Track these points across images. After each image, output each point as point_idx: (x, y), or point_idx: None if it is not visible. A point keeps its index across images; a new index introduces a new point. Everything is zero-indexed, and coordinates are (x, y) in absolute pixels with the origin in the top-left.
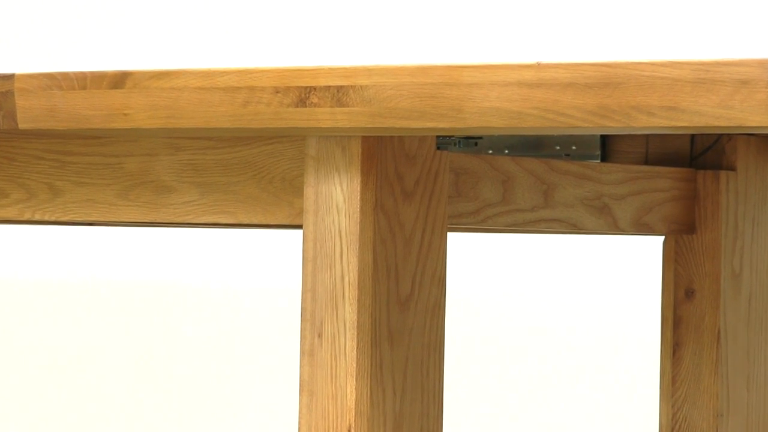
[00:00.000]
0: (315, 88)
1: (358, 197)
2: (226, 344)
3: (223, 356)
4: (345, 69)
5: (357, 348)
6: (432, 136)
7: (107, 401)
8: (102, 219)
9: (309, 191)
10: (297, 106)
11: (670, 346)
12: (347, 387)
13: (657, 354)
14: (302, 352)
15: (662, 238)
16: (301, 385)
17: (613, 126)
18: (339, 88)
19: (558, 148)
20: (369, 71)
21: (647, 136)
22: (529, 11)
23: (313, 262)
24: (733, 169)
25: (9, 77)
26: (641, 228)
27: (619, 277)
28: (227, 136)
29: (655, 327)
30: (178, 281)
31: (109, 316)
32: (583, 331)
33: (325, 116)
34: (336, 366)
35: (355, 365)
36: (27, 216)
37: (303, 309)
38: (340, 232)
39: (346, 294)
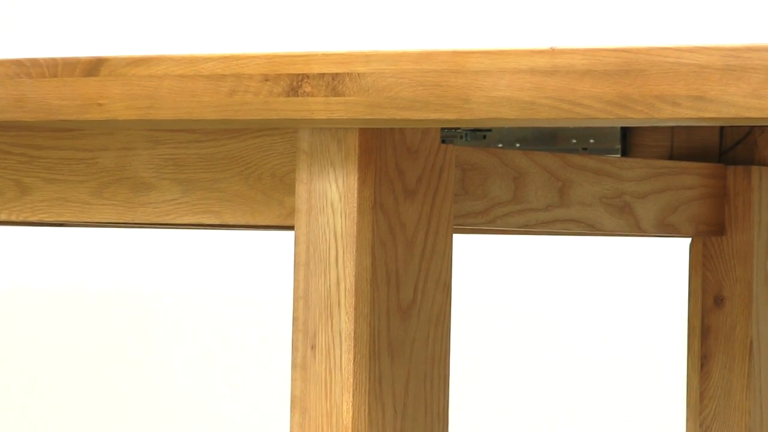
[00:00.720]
0: (308, 76)
1: (355, 195)
2: (210, 357)
3: (206, 370)
4: (341, 55)
5: (354, 361)
6: (436, 129)
7: (78, 417)
8: (74, 219)
9: (301, 189)
10: (288, 96)
11: (698, 358)
12: (343, 404)
13: (683, 367)
14: (294, 366)
15: (689, 240)
16: (292, 402)
17: (634, 117)
18: (334, 76)
19: (574, 141)
20: (367, 57)
21: (672, 128)
22: None
23: (305, 267)
24: (766, 164)
25: None
26: (666, 229)
27: (641, 283)
28: (212, 128)
29: (681, 338)
30: (157, 288)
31: (80, 325)
32: (602, 342)
33: (318, 107)
34: (331, 381)
35: (351, 380)
36: None
37: (294, 318)
38: (335, 233)
39: (342, 301)
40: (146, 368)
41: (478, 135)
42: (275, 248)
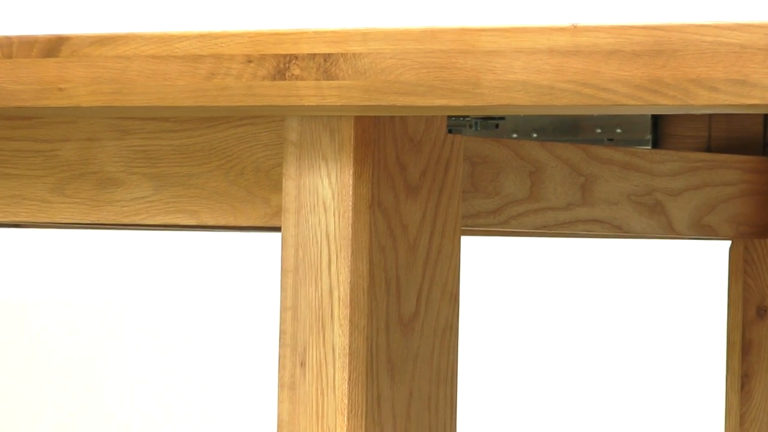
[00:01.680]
0: (296, 57)
1: (350, 192)
2: (186, 374)
3: (181, 390)
4: (334, 33)
5: (349, 380)
6: (442, 117)
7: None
8: (32, 219)
9: (289, 185)
10: (274, 79)
11: (738, 377)
12: (336, 429)
13: (721, 387)
14: (280, 386)
15: (728, 243)
16: (279, 427)
17: (667, 104)
18: (326, 57)
19: (599, 131)
20: (364, 36)
21: (710, 116)
22: None
23: (294, 274)
24: None
25: None
26: (702, 231)
27: (673, 292)
28: (187, 116)
29: (719, 354)
30: (125, 295)
31: (40, 337)
32: (630, 360)
33: (308, 92)
34: (323, 402)
35: (346, 401)
36: None
37: (282, 331)
38: (327, 235)
39: (335, 313)
40: (117, 388)
41: (490, 124)
42: (259, 252)
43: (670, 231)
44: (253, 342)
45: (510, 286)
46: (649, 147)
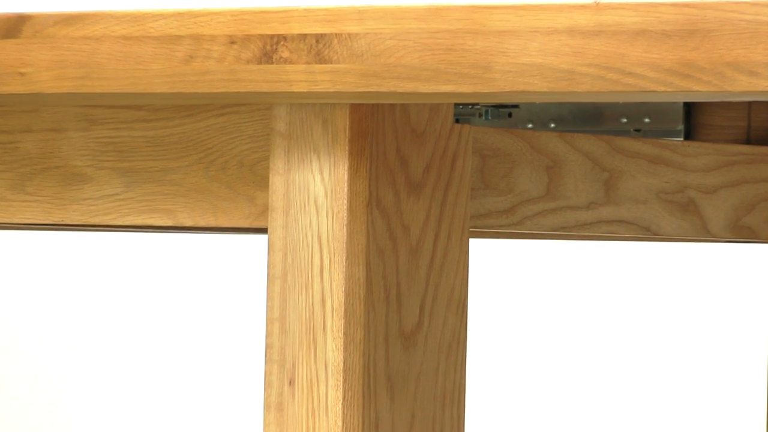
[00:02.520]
0: (285, 38)
1: (345, 190)
2: (162, 392)
3: (159, 410)
4: (327, 11)
5: (343, 400)
6: (449, 105)
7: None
8: None
9: (277, 181)
10: (260, 63)
11: None
12: None
13: (764, 404)
14: (266, 406)
15: None
16: None
17: (700, 90)
18: (319, 38)
19: (625, 121)
20: (360, 14)
21: (749, 104)
22: None
23: (282, 280)
24: None
25: None
26: (740, 232)
27: (710, 299)
28: (163, 104)
29: (761, 366)
30: (92, 304)
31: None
32: (663, 371)
33: (299, 76)
34: (314, 425)
35: (340, 424)
36: None
37: (268, 345)
38: (320, 238)
39: (329, 325)
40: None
41: (502, 113)
42: (243, 256)
43: (704, 233)
44: (236, 357)
45: (524, 294)
46: (681, 139)
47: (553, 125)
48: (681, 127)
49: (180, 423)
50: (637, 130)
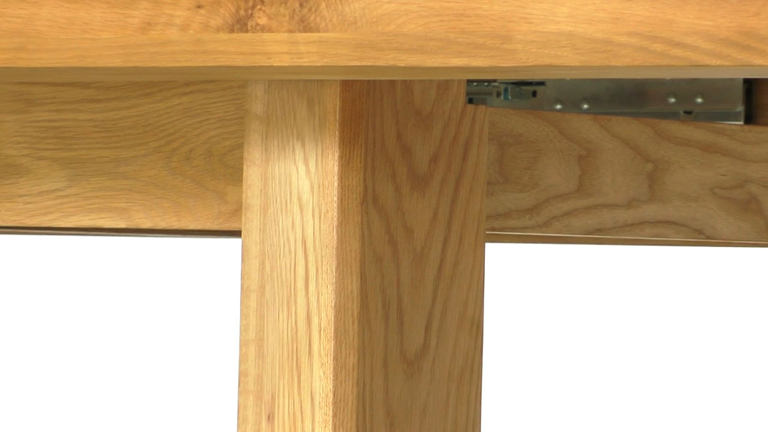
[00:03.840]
0: (263, 1)
1: (336, 184)
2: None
3: None
4: None
5: None
6: (460, 82)
7: None
8: None
9: (253, 174)
10: (232, 31)
11: None
12: None
13: None
14: None
15: None
16: None
17: (763, 64)
18: (303, 1)
19: (673, 101)
20: None
21: None
22: None
23: (258, 294)
24: None
25: None
26: None
27: None
28: (115, 81)
29: None
30: (31, 317)
31: None
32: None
33: (279, 48)
34: None
35: None
36: None
37: (242, 373)
38: (304, 242)
39: (315, 347)
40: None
41: (525, 91)
42: (213, 264)
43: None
44: (204, 386)
45: (551, 310)
46: (741, 123)
47: (586, 106)
48: (740, 108)
49: None
50: (688, 113)
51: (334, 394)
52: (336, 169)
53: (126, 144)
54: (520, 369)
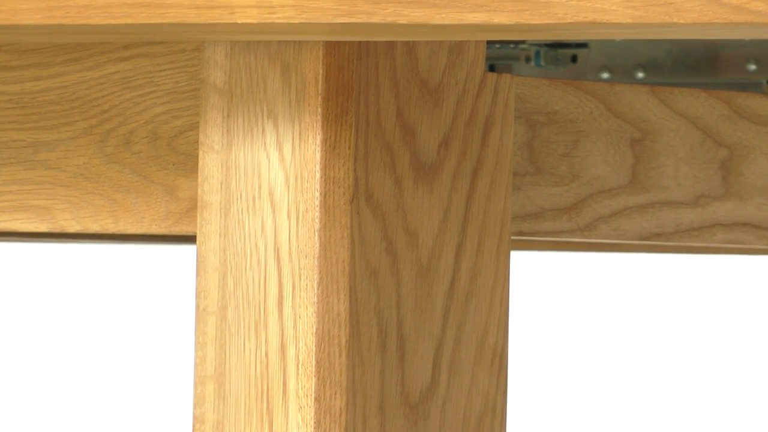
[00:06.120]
0: None
1: (317, 176)
2: None
3: None
4: None
5: None
6: (478, 45)
7: None
8: None
9: (211, 162)
10: None
11: None
12: None
13: None
14: None
15: None
16: None
17: None
18: None
19: (753, 68)
20: None
21: None
22: None
23: (218, 318)
24: None
25: None
26: None
27: None
28: (35, 43)
29: None
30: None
31: None
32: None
33: (246, 0)
34: None
35: None
36: None
37: (197, 419)
38: (277, 251)
39: (292, 386)
40: None
41: (563, 56)
42: (162, 277)
43: None
44: None
45: (595, 336)
46: None
47: (641, 75)
48: None
49: None
50: None
51: None
52: (318, 156)
53: (47, 124)
54: (553, 412)
